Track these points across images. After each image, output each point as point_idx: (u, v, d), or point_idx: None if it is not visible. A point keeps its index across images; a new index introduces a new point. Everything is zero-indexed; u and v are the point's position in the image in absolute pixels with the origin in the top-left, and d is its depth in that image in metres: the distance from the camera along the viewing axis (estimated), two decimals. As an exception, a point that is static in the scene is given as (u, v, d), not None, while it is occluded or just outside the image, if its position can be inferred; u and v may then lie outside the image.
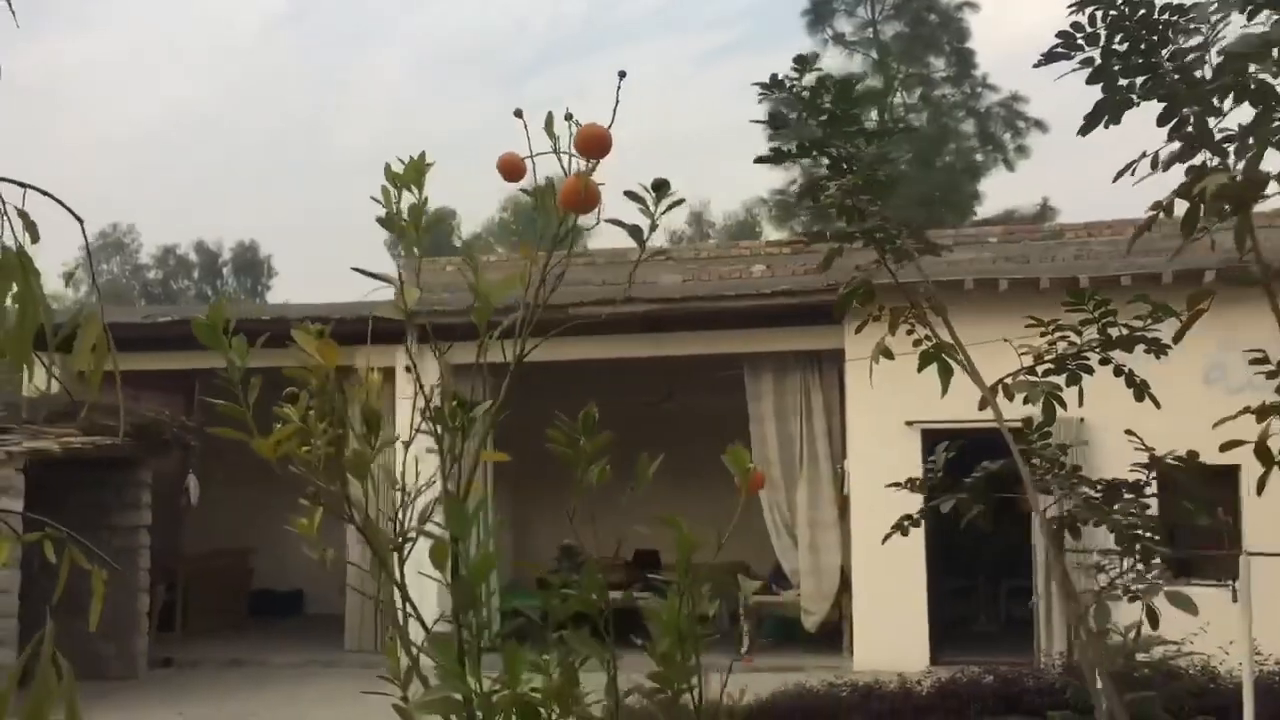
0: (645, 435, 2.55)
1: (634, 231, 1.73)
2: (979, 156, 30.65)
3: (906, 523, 2.87)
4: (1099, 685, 6.58)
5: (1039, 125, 29.91)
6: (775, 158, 2.70)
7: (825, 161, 2.63)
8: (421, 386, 1.81)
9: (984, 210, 30.54)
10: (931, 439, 11.60)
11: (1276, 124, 1.97)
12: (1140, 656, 8.27)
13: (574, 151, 1.72)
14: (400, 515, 1.73)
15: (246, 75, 77.99)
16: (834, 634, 12.93)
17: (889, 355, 2.62)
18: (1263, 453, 2.32)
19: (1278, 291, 2.08)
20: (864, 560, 12.21)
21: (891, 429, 11.93)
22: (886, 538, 3.01)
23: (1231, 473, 8.98)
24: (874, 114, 28.39)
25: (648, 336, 12.86)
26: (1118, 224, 13.38)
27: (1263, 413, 2.28)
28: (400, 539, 1.69)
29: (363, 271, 15.04)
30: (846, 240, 2.61)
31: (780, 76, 2.54)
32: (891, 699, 8.93)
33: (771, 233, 33.73)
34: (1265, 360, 2.39)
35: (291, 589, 17.96)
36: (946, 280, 10.99)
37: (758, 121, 12.65)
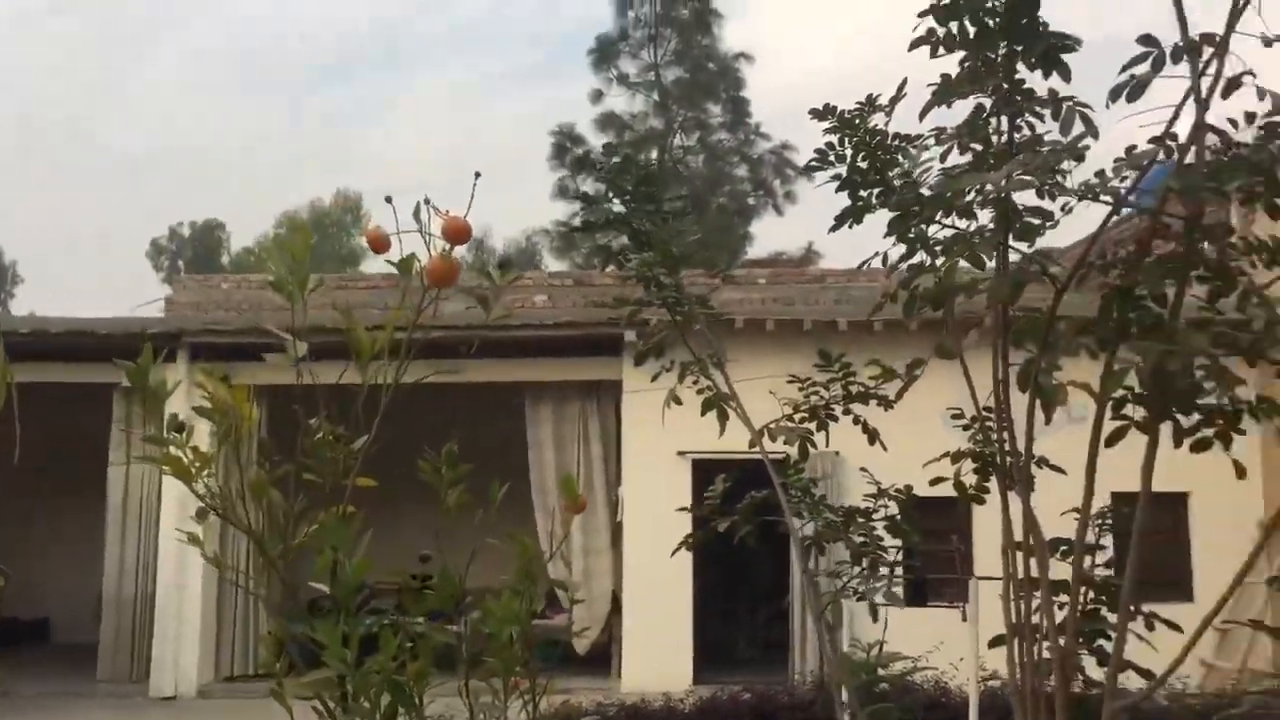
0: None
1: (482, 300, 2.11)
2: (751, 200, 32.19)
3: (690, 540, 3.33)
4: (844, 699, 7.30)
5: (806, 172, 31.55)
6: (585, 228, 3.13)
7: (625, 235, 3.10)
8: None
9: (754, 251, 32.03)
10: (701, 469, 12.29)
11: (974, 239, 2.54)
12: (881, 671, 9.10)
13: (441, 237, 2.08)
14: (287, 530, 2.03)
15: (-5, 68, 72.87)
16: (604, 657, 13.39)
17: (679, 402, 3.10)
18: (959, 488, 2.90)
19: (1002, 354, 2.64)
20: (634, 585, 12.75)
21: (664, 459, 12.54)
22: (675, 551, 3.46)
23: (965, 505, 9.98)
24: (654, 154, 29.46)
25: (431, 362, 13.07)
26: (874, 271, 14.52)
27: (956, 456, 2.86)
28: (285, 549, 1.99)
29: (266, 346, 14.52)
30: (647, 305, 3.07)
31: (591, 155, 2.98)
32: (655, 717, 9.48)
33: (553, 263, 34.27)
34: (962, 415, 2.99)
35: (37, 617, 17.08)
36: (720, 318, 11.74)
37: (576, 196, 13.05)
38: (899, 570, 3.35)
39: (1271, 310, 2.20)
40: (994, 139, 2.66)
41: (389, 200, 2.06)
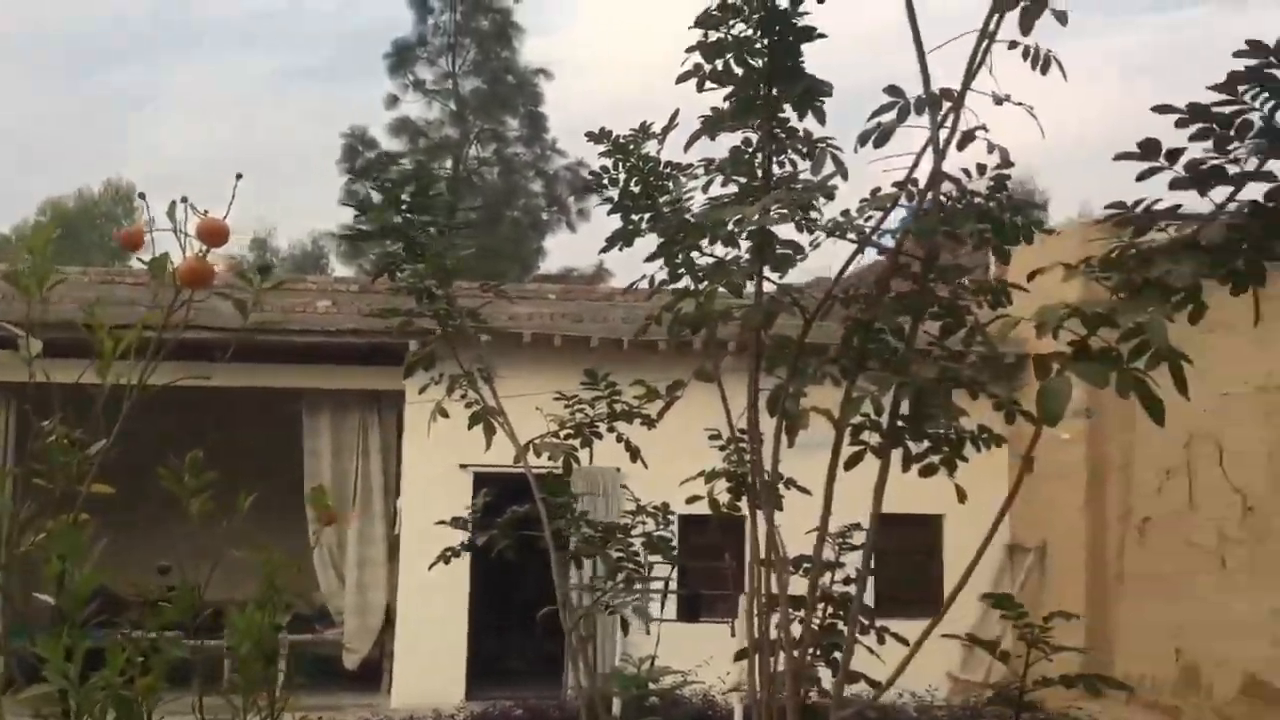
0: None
1: (239, 305, 2.06)
2: (545, 215, 32.30)
3: (449, 554, 3.34)
4: (614, 712, 7.39)
5: (581, 193, 31.89)
6: (359, 236, 3.09)
7: (401, 245, 3.08)
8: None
9: (547, 266, 32.14)
10: (482, 482, 12.20)
11: (733, 267, 2.67)
12: (652, 685, 9.28)
13: (196, 238, 2.03)
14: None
15: None
16: (375, 672, 13.12)
17: (445, 414, 3.09)
18: (714, 505, 3.03)
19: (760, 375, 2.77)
20: (409, 599, 12.55)
21: (445, 471, 12.41)
22: (432, 565, 3.45)
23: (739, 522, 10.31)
24: (449, 163, 29.20)
25: (202, 365, 12.58)
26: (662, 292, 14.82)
27: (710, 475, 2.99)
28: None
29: None
30: (419, 317, 3.07)
31: (368, 165, 2.97)
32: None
33: (340, 268, 33.43)
34: (719, 436, 3.13)
35: None
36: (508, 332, 11.75)
37: (346, 204, 12.74)
38: (672, 585, 3.44)
39: (993, 348, 2.39)
40: (757, 172, 2.79)
41: (142, 197, 2.00)
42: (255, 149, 53.22)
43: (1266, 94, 1.95)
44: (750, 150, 2.80)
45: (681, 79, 2.71)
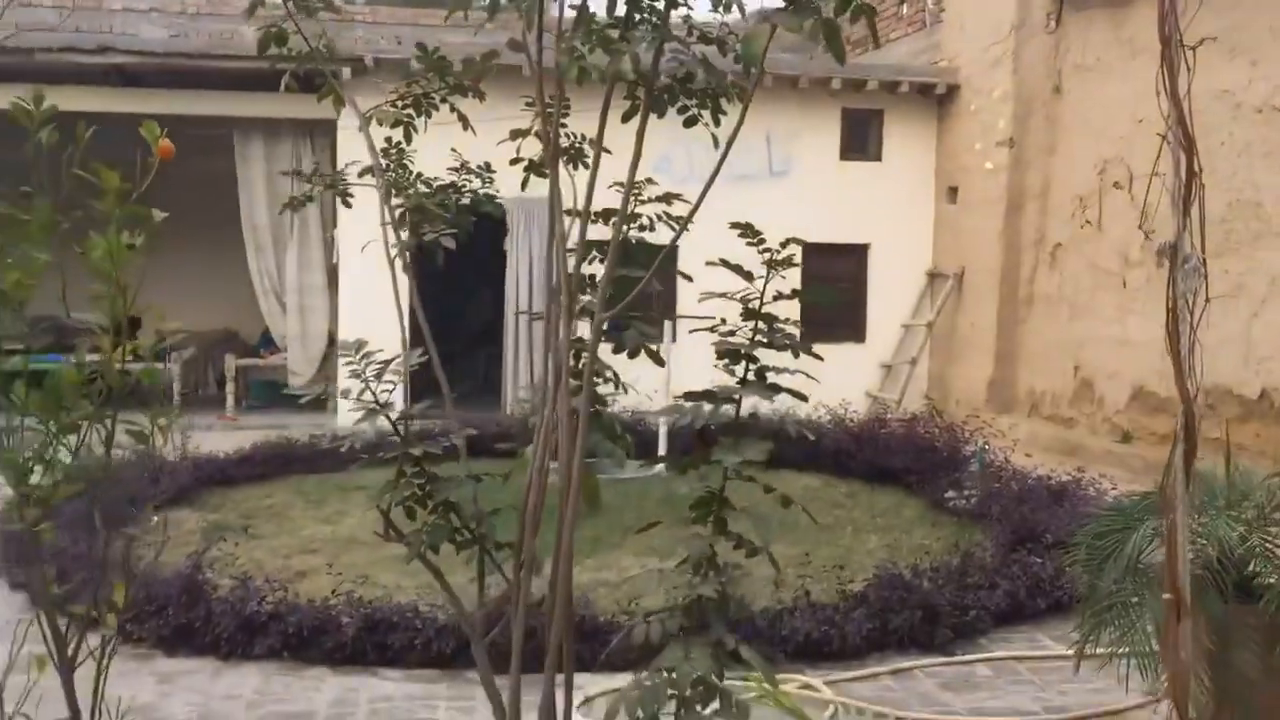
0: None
1: None
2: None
3: (394, 251, 3.35)
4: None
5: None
6: None
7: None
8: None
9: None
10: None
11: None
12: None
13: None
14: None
15: None
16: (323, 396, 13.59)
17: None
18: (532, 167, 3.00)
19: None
20: (350, 325, 12.90)
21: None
22: (364, 247, 3.61)
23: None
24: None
25: (130, 92, 12.39)
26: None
27: (515, 134, 2.94)
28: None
29: None
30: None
31: None
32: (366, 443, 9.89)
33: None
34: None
35: None
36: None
37: None
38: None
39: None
40: None
41: None
42: None
43: None
44: None
45: None
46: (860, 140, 14.02)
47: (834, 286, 13.62)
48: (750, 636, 5.12)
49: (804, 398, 2.66)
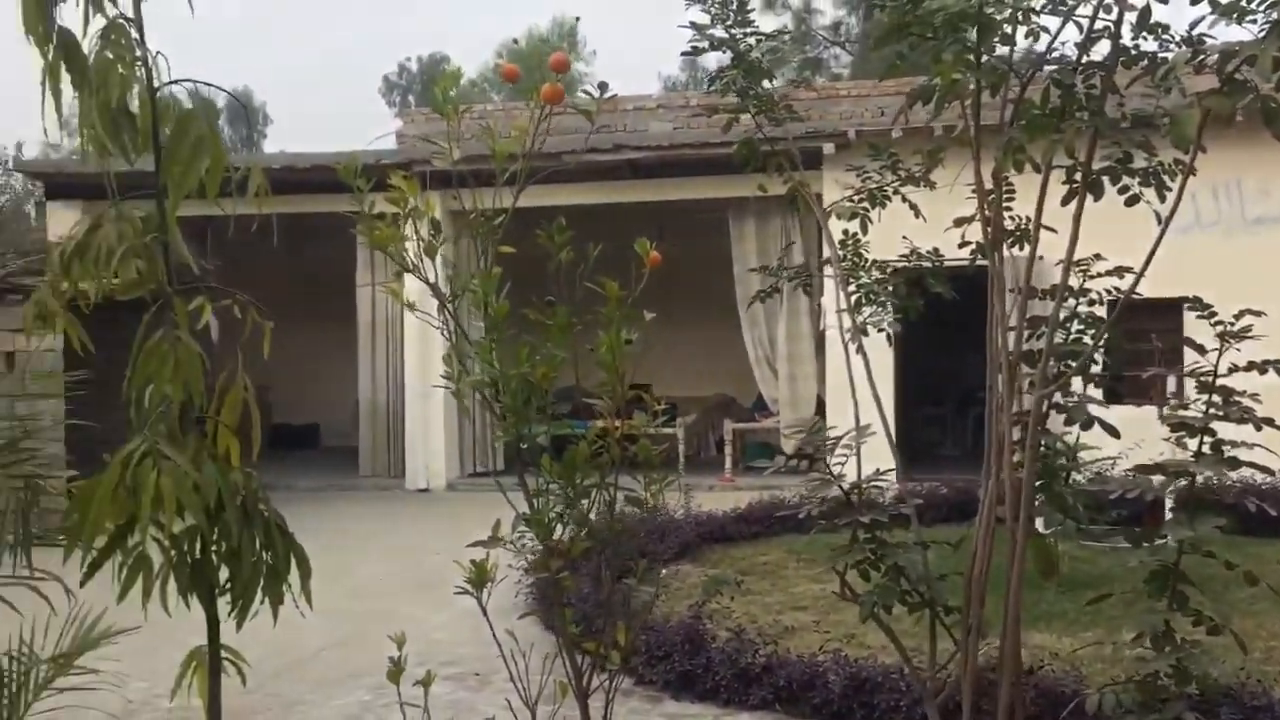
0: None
1: (587, 116, 2.63)
2: None
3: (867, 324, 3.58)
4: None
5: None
6: (693, 53, 3.53)
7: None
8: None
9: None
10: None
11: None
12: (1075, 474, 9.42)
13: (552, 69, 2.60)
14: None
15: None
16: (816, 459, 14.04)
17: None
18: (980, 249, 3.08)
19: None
20: (837, 390, 13.31)
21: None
22: (823, 329, 3.95)
23: (1177, 305, 9.95)
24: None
25: (638, 183, 13.85)
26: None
27: (959, 222, 3.02)
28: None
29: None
30: (740, 112, 3.42)
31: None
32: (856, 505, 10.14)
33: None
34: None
35: (308, 423, 19.20)
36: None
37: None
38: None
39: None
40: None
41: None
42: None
43: None
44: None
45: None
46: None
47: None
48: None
49: (1271, 472, 2.57)
